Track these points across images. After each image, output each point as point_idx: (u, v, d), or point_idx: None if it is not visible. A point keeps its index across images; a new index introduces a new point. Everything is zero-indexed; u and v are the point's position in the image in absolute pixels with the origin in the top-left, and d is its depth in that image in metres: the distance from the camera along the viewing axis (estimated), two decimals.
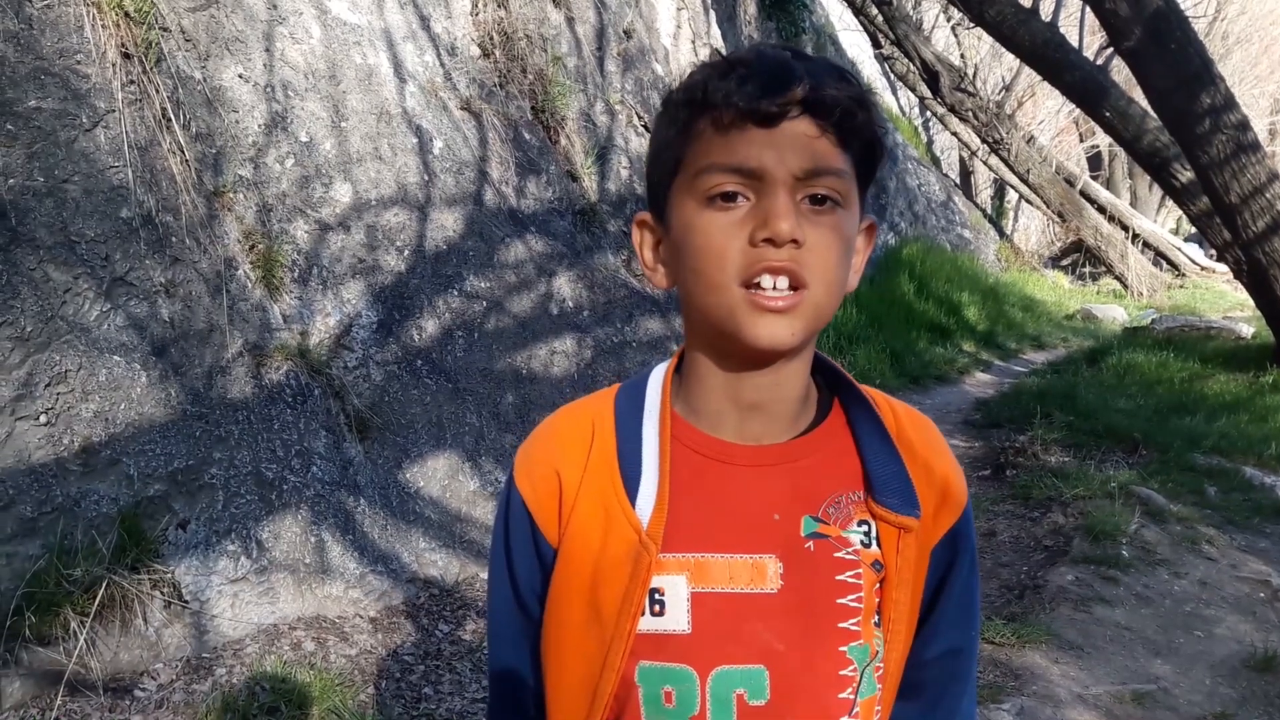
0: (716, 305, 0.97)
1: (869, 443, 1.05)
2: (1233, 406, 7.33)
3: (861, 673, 1.03)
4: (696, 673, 1.01)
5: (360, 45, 4.55)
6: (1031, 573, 4.59)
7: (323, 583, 3.56)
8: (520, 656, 1.10)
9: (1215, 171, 7.38)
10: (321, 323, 3.96)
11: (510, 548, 1.08)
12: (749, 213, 0.95)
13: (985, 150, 16.72)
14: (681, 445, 1.04)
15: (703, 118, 0.96)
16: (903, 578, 1.04)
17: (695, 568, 1.01)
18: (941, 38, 18.14)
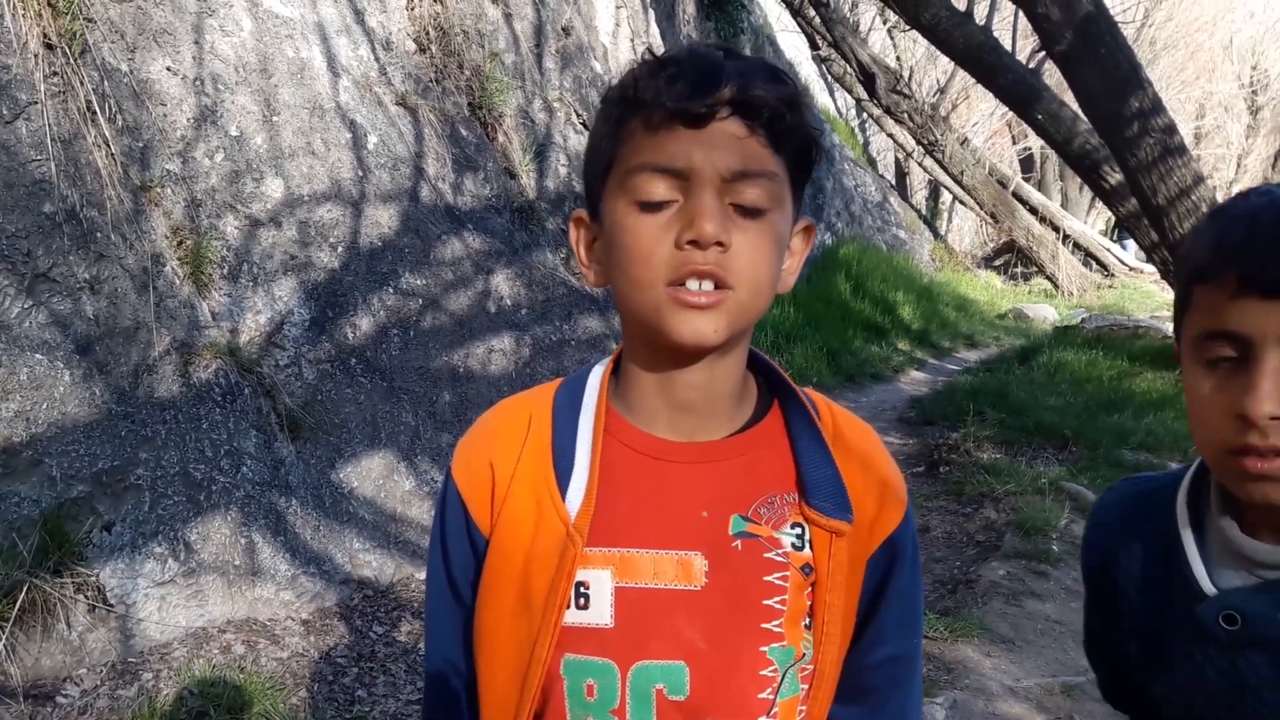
0: (643, 304, 0.97)
1: (803, 445, 1.06)
2: (1159, 404, 7.51)
3: (783, 674, 1.04)
4: (618, 667, 1.01)
5: (293, 39, 4.48)
6: (964, 568, 4.66)
7: (253, 585, 3.50)
8: (455, 647, 1.10)
9: (1143, 174, 7.53)
10: (252, 320, 3.89)
11: (446, 538, 1.08)
12: (676, 214, 0.95)
13: (920, 152, 16.96)
14: (615, 440, 1.05)
15: (634, 117, 0.96)
16: (835, 582, 1.04)
17: (621, 562, 1.02)
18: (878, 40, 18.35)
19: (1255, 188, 1.02)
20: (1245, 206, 0.97)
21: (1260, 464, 0.94)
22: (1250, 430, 0.93)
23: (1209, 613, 1.01)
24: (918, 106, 15.32)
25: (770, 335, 8.60)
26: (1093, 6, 7.31)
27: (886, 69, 14.87)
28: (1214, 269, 0.95)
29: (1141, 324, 11.15)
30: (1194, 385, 0.99)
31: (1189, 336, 1.00)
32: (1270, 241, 0.93)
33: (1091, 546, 1.20)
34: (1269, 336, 0.92)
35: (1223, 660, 1.02)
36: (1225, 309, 0.94)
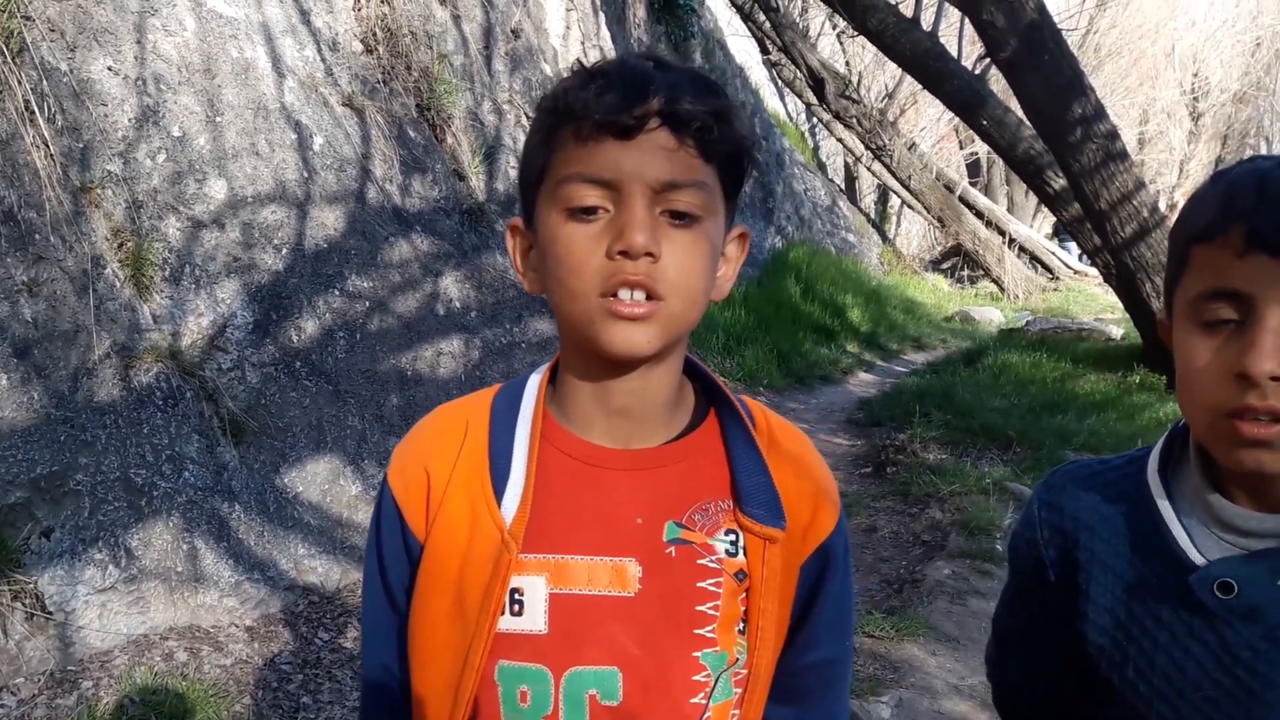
0: (577, 314, 0.98)
1: (738, 453, 1.07)
2: (1102, 405, 7.63)
3: (716, 679, 1.05)
4: (551, 673, 1.02)
5: (237, 39, 4.43)
6: (910, 567, 4.71)
7: (196, 591, 3.46)
8: (391, 652, 1.10)
9: (1086, 179, 7.67)
10: (194, 323, 3.84)
11: (381, 544, 1.09)
12: (607, 224, 0.96)
13: (869, 156, 17.11)
14: (552, 447, 1.05)
15: (564, 128, 0.97)
16: (769, 588, 1.05)
17: (555, 569, 1.02)
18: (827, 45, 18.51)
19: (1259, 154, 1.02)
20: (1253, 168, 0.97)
21: (1256, 429, 0.93)
22: (1249, 390, 0.92)
23: (1203, 583, 1.00)
24: (866, 111, 15.47)
25: (722, 338, 8.64)
26: (1037, 14, 7.43)
27: (835, 74, 15.00)
28: (1221, 227, 0.95)
29: (1085, 326, 11.34)
30: (1188, 348, 0.98)
31: (1186, 299, 0.99)
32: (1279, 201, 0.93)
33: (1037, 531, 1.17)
34: (1272, 295, 0.92)
35: (1210, 634, 1.01)
36: (1230, 267, 0.94)
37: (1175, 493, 1.06)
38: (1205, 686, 1.02)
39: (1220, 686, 1.01)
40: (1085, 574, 1.11)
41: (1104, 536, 1.11)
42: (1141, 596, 1.07)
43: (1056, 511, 1.15)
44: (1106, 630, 1.09)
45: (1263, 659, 0.99)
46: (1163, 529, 1.04)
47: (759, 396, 8.03)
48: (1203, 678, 1.02)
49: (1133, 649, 1.07)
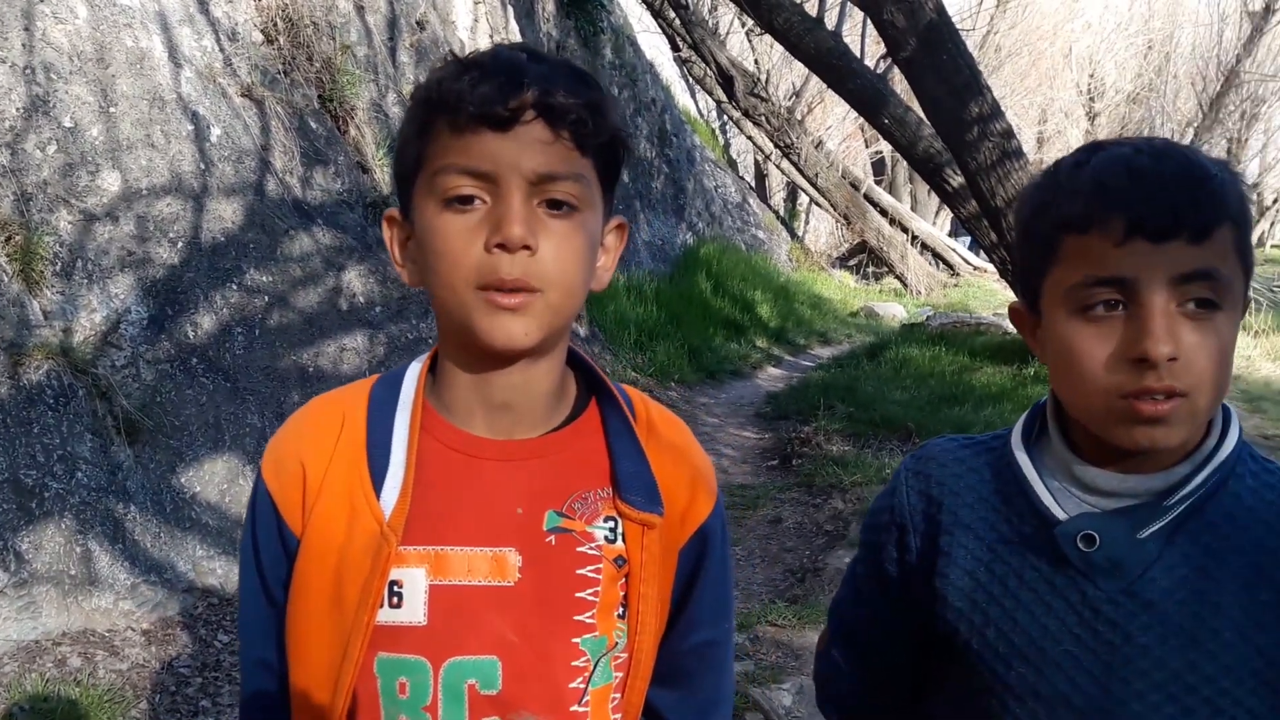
0: (455, 306, 0.98)
1: (617, 441, 1.08)
2: (998, 397, 7.82)
3: (596, 663, 1.06)
4: (430, 664, 1.02)
5: (132, 27, 4.32)
6: (813, 556, 4.80)
7: (90, 595, 3.37)
8: (270, 648, 1.09)
9: (982, 177, 7.85)
10: (86, 319, 3.74)
11: (257, 538, 1.07)
12: (484, 216, 0.96)
13: (778, 154, 17.29)
14: (431, 439, 1.05)
15: (439, 118, 0.97)
16: (648, 573, 1.07)
17: (435, 560, 1.02)
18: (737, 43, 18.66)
19: (1098, 141, 1.05)
20: (1117, 155, 1.00)
21: (1154, 407, 0.97)
22: (1147, 373, 0.96)
23: (1066, 535, 1.03)
24: (775, 109, 15.62)
25: (634, 333, 8.68)
26: (936, 14, 7.58)
27: (744, 72, 15.12)
28: (1097, 217, 0.97)
29: (983, 321, 11.62)
30: (1070, 337, 1.01)
31: (1060, 289, 1.02)
32: (1155, 186, 0.96)
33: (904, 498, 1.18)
34: (1156, 279, 0.96)
35: (1072, 590, 1.04)
36: (1110, 255, 0.97)
37: (1038, 461, 1.10)
38: (1065, 642, 1.04)
39: (1080, 642, 1.04)
40: (948, 536, 1.13)
41: (968, 500, 1.14)
42: (1004, 556, 1.09)
43: (924, 479, 1.18)
44: (966, 592, 1.11)
45: (1122, 612, 1.02)
46: (1026, 489, 1.08)
47: (670, 391, 8.09)
48: (1064, 633, 1.04)
49: (994, 609, 1.09)
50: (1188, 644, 1.01)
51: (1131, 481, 1.04)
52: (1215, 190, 0.97)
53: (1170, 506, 1.02)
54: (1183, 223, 0.95)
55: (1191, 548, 1.02)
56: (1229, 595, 1.01)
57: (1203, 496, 1.03)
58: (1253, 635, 1.00)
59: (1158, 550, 1.02)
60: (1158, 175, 0.97)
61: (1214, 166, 0.99)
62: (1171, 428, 0.98)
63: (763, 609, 4.10)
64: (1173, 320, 0.96)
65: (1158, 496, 1.03)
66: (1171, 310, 0.97)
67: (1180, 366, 0.96)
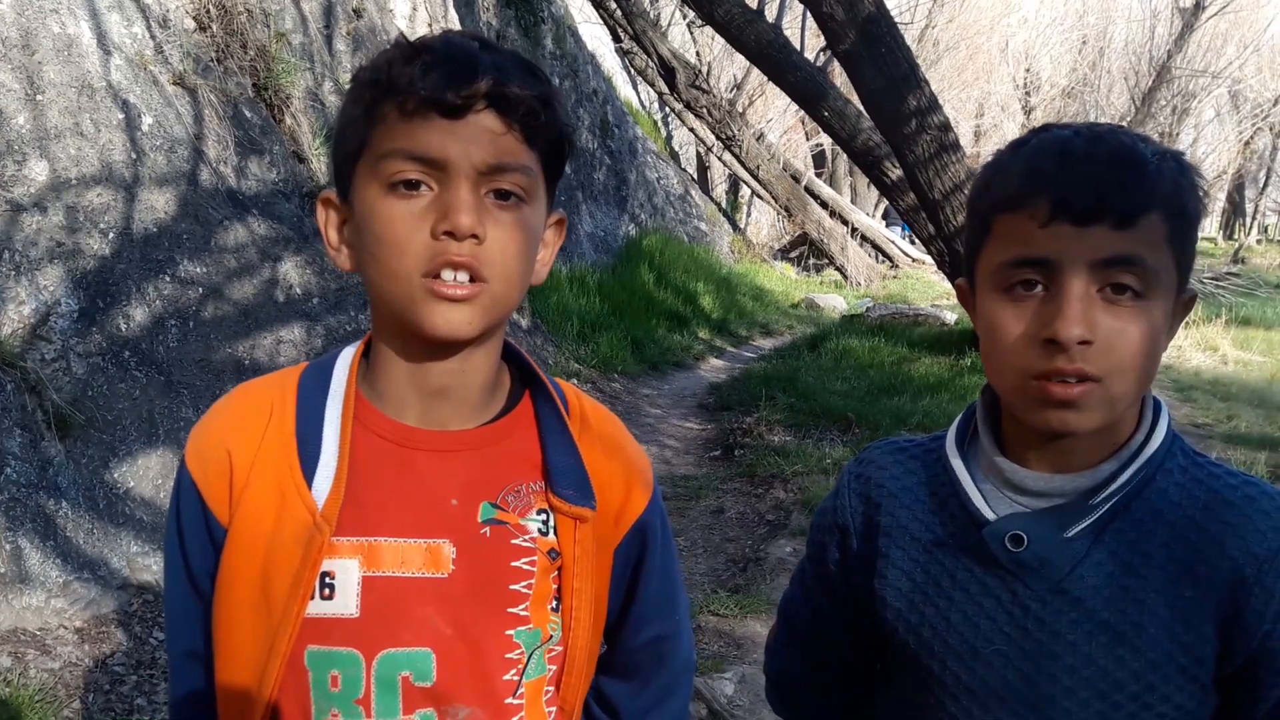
0: (396, 294, 0.97)
1: (550, 435, 1.08)
2: (936, 387, 7.95)
3: (529, 655, 1.06)
4: (363, 656, 1.01)
5: (59, 13, 4.21)
6: (755, 546, 4.84)
7: (20, 593, 3.29)
8: (197, 640, 1.08)
9: (920, 169, 7.94)
10: (14, 311, 3.64)
11: (182, 529, 1.06)
12: (431, 203, 0.96)
13: (720, 146, 17.35)
14: (364, 428, 1.04)
15: (387, 101, 0.96)
16: (581, 567, 1.07)
17: (368, 551, 1.02)
18: (678, 34, 18.68)
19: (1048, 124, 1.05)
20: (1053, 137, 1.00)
21: (1065, 390, 0.97)
22: (1058, 354, 0.96)
23: (995, 535, 1.04)
24: (716, 102, 15.68)
25: (577, 325, 8.67)
26: (874, 8, 7.65)
27: (686, 64, 15.15)
28: (1025, 196, 0.98)
29: (921, 312, 11.79)
30: (993, 314, 1.02)
31: (989, 267, 1.03)
32: (1083, 170, 0.96)
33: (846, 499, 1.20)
34: (1077, 262, 0.96)
35: (1003, 589, 1.05)
36: (1034, 236, 0.97)
37: (971, 461, 1.11)
38: (997, 641, 1.06)
39: (1011, 641, 1.05)
40: (886, 538, 1.15)
41: (905, 502, 1.15)
42: (938, 557, 1.11)
43: (864, 481, 1.19)
44: (903, 592, 1.12)
45: (1050, 610, 1.03)
46: (959, 490, 1.09)
47: (613, 382, 8.10)
48: (995, 633, 1.06)
49: (929, 609, 1.10)
50: (1115, 640, 1.02)
51: (1058, 481, 1.05)
52: (1147, 176, 0.97)
53: (1096, 505, 1.03)
54: (1107, 207, 0.95)
55: (1118, 545, 1.03)
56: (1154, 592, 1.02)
57: (1129, 494, 1.04)
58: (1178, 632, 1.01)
59: (1085, 548, 1.03)
60: (1088, 158, 0.97)
61: (1151, 153, 0.98)
62: (1083, 412, 0.99)
63: (705, 599, 4.13)
64: (1090, 304, 0.97)
65: (1084, 495, 1.04)
66: (1091, 294, 0.97)
67: (1095, 351, 0.96)
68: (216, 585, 1.04)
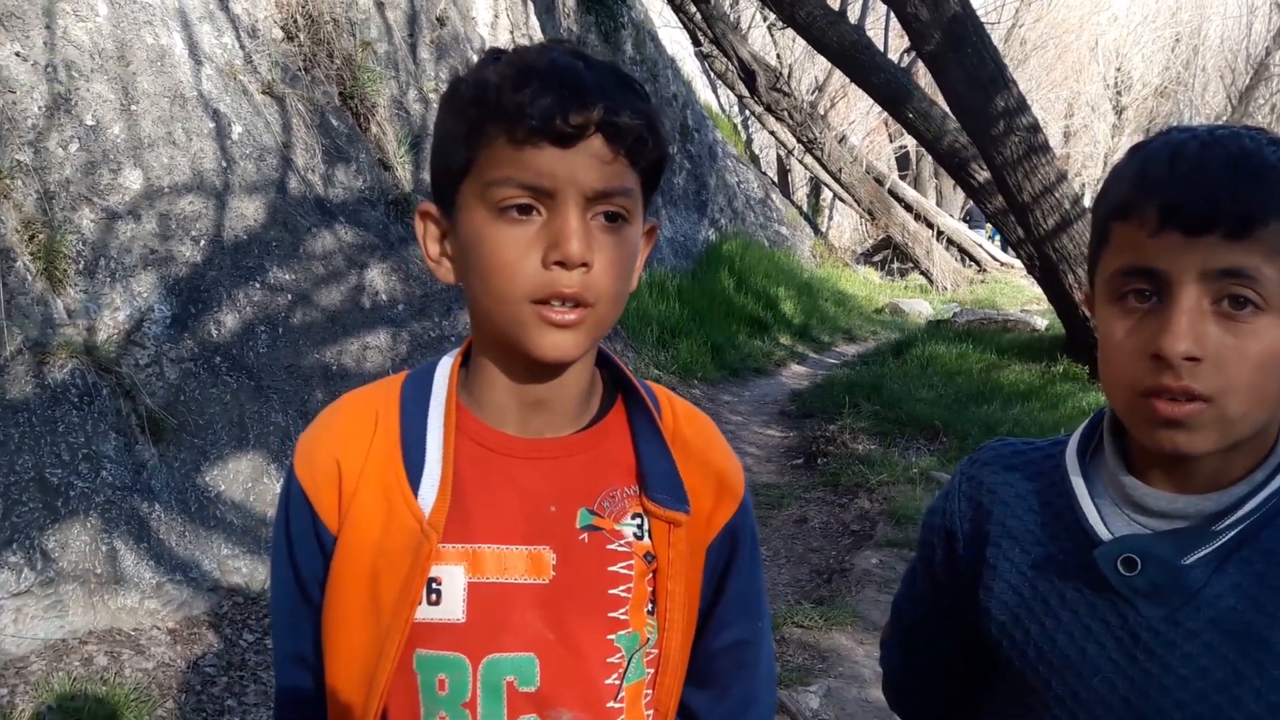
0: (504, 317, 0.98)
1: (643, 439, 1.09)
2: (1026, 395, 7.77)
3: (629, 659, 1.07)
4: (469, 661, 1.03)
5: (152, 24, 4.32)
6: (839, 557, 4.76)
7: (116, 594, 3.37)
8: (305, 645, 1.09)
9: (1009, 172, 7.79)
10: (110, 317, 3.73)
11: (291, 537, 1.08)
12: (541, 230, 0.96)
13: (801, 149, 17.21)
14: (465, 437, 1.06)
15: (494, 124, 0.95)
16: (675, 570, 1.08)
17: (473, 558, 1.03)
18: (758, 37, 18.58)
19: (1177, 125, 1.00)
20: (1168, 141, 0.95)
21: (1171, 408, 0.92)
22: (1165, 370, 0.91)
23: (1106, 557, 0.98)
24: (797, 104, 15.56)
25: (656, 330, 8.65)
26: (960, 7, 7.52)
27: (766, 67, 15.06)
28: (1135, 204, 0.93)
29: (1010, 317, 11.53)
30: (1107, 326, 0.97)
31: (1104, 275, 0.98)
32: (1194, 177, 0.91)
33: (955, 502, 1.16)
34: (1187, 274, 0.91)
35: (1113, 614, 1.00)
36: (1144, 245, 0.93)
37: (1092, 474, 1.05)
38: (1104, 669, 1.00)
39: (1118, 669, 0.99)
40: (994, 548, 1.10)
41: (1016, 511, 1.10)
42: (1047, 573, 1.05)
43: (976, 485, 1.15)
44: (1009, 606, 1.08)
45: (1162, 641, 0.97)
46: (1074, 505, 1.04)
47: (693, 389, 8.06)
48: (1102, 660, 1.00)
49: (1034, 627, 1.05)
50: (1232, 679, 0.95)
51: (1182, 502, 0.98)
52: (1264, 182, 0.90)
53: (1220, 531, 0.96)
54: (1220, 215, 0.89)
55: (1243, 576, 0.96)
56: None
57: (1259, 521, 0.96)
58: None
59: (1205, 577, 0.96)
60: (1200, 163, 0.91)
61: (1275, 157, 0.91)
62: (1194, 433, 0.92)
63: (789, 610, 4.07)
64: (1200, 318, 0.91)
65: (1209, 519, 0.97)
66: (1203, 308, 0.91)
67: (1205, 369, 0.90)
68: (326, 592, 1.06)
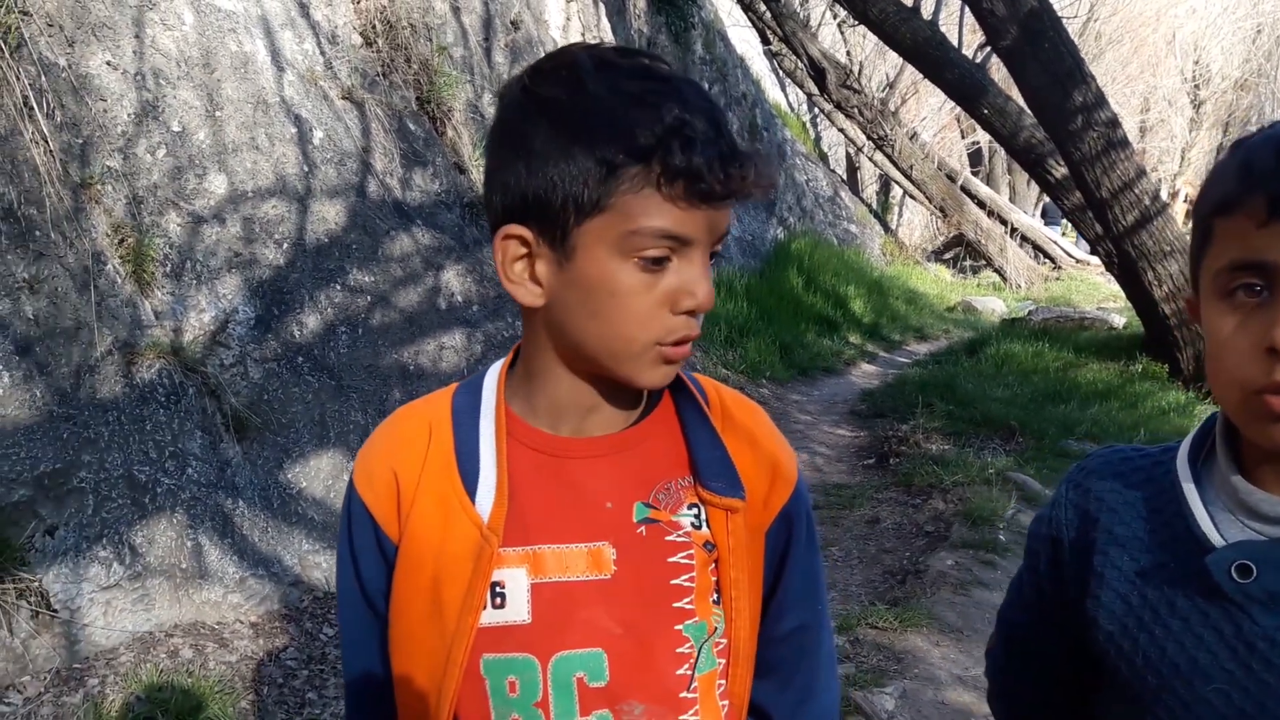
0: (620, 352, 1.00)
1: (694, 429, 1.10)
2: (1105, 394, 7.62)
3: (699, 649, 1.07)
4: (538, 660, 1.04)
5: (236, 32, 4.42)
6: (913, 558, 4.71)
7: (200, 588, 3.46)
8: (373, 655, 1.11)
9: (1087, 167, 7.65)
10: (195, 319, 3.83)
11: (355, 550, 1.10)
12: (672, 277, 0.97)
13: (870, 146, 17.07)
14: (516, 442, 1.07)
15: (644, 172, 0.93)
16: (737, 557, 1.08)
17: (534, 559, 1.04)
18: (828, 35, 18.45)
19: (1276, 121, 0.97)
20: (1272, 134, 0.93)
21: None
22: (1279, 365, 0.88)
23: (1220, 564, 0.95)
24: (867, 101, 15.42)
25: (724, 330, 8.63)
26: (1037, 1, 7.40)
27: (836, 64, 14.95)
28: (1241, 196, 0.90)
29: (1087, 315, 11.31)
30: (1215, 325, 0.94)
31: (1210, 274, 0.95)
32: None
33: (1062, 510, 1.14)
34: None
35: (1226, 623, 0.96)
36: (1253, 237, 0.89)
37: (1204, 479, 1.02)
38: (1217, 679, 0.97)
39: (1233, 679, 0.96)
40: (1101, 555, 1.08)
41: (1125, 519, 1.07)
42: (1157, 581, 1.03)
43: (1083, 493, 1.12)
44: (1117, 615, 1.05)
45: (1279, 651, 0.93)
46: (1185, 511, 1.01)
47: (761, 389, 8.03)
48: (1215, 669, 0.97)
49: (1143, 636, 1.02)
50: None
51: None
52: None
53: None
54: None
55: None
56: None
57: None
58: None
59: None
60: None
61: None
62: None
63: (863, 611, 4.03)
64: None
65: None
66: None
67: None
68: (391, 602, 1.08)
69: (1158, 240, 7.59)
